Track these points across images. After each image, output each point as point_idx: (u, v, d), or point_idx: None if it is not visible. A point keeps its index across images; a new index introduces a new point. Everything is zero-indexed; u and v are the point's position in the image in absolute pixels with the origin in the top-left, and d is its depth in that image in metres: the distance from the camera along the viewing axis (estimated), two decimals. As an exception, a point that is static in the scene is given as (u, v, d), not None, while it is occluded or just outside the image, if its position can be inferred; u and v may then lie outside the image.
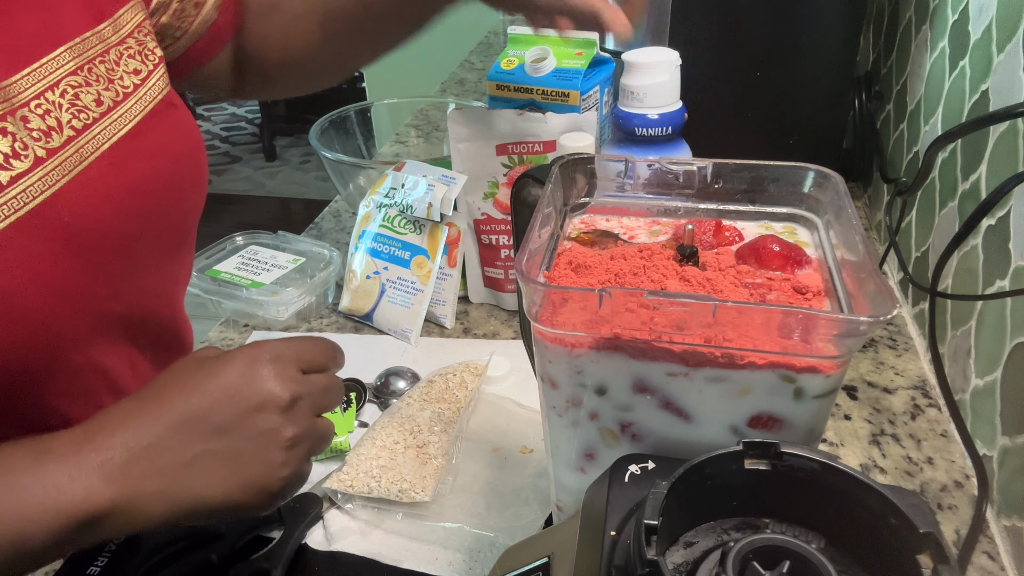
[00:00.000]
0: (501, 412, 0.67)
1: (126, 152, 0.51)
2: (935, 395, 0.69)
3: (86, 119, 0.49)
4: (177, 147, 0.56)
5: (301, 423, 0.45)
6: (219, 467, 0.43)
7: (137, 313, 0.55)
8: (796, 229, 0.43)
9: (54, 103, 0.47)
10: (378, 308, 0.81)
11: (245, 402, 0.44)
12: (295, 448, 0.45)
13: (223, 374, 0.44)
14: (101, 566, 0.55)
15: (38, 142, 0.45)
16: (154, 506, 0.41)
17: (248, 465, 0.44)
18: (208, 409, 0.43)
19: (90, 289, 0.49)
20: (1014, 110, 0.47)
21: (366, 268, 0.81)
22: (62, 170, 0.46)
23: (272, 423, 0.44)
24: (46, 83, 0.47)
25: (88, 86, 0.50)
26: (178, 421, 0.42)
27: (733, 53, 0.88)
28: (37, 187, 0.45)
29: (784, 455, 0.31)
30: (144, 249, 0.53)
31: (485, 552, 0.55)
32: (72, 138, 0.47)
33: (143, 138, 0.53)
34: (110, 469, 0.40)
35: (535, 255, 0.38)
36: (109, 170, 0.49)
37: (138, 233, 0.52)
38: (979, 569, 0.54)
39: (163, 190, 0.54)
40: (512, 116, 0.74)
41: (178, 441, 0.42)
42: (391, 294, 0.80)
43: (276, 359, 0.45)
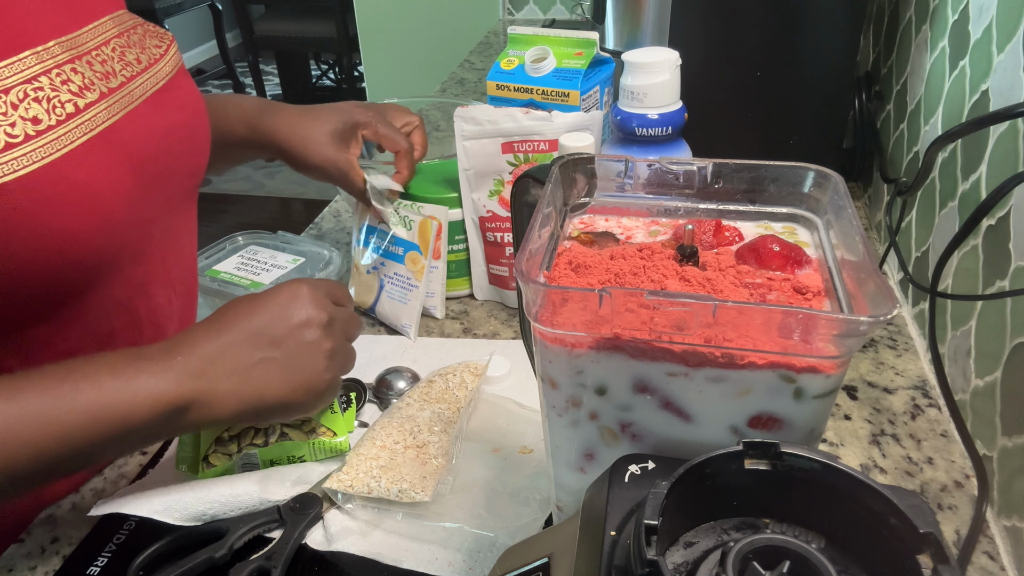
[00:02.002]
0: (501, 412, 0.67)
1: (162, 102, 0.62)
2: (935, 395, 0.69)
3: (132, 71, 0.60)
4: (194, 105, 0.67)
5: (337, 339, 0.57)
6: (276, 370, 0.54)
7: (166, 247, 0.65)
8: (796, 229, 0.43)
9: (108, 55, 0.59)
10: (379, 302, 0.81)
11: (293, 319, 0.55)
12: (333, 358, 0.56)
13: (274, 300, 0.55)
14: (101, 566, 0.55)
15: (102, 81, 0.57)
16: (227, 400, 0.52)
17: (299, 369, 0.55)
18: (264, 325, 0.54)
19: (143, 203, 0.58)
20: (1014, 110, 0.47)
21: (367, 262, 0.82)
22: (120, 104, 0.57)
23: (315, 336, 0.55)
24: (100, 40, 0.59)
25: (130, 47, 0.61)
26: (242, 335, 0.53)
27: (733, 53, 0.88)
28: (104, 115, 0.55)
29: (784, 455, 0.31)
30: (171, 185, 0.63)
31: (485, 552, 0.55)
32: (124, 83, 0.59)
33: (172, 94, 0.64)
34: (193, 368, 0.51)
35: (535, 255, 0.38)
36: (152, 113, 0.60)
37: (168, 170, 0.62)
38: (979, 569, 0.54)
39: (187, 138, 0.64)
40: (518, 114, 0.74)
41: (243, 350, 0.53)
42: (389, 289, 0.80)
43: (313, 289, 0.57)
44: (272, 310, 0.55)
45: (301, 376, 0.55)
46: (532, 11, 2.03)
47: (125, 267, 0.58)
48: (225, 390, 0.52)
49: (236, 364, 0.53)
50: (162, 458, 0.65)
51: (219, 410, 0.52)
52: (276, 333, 0.54)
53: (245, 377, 0.53)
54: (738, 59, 0.88)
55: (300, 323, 0.55)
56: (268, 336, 0.54)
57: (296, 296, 0.56)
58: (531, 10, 2.03)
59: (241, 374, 0.53)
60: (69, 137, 0.52)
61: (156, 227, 0.62)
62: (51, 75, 0.52)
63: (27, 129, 0.49)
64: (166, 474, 0.63)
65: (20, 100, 0.50)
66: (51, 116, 0.51)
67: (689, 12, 0.87)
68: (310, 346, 0.55)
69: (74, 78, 0.54)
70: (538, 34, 0.88)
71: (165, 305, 0.66)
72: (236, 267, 0.83)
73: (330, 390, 0.57)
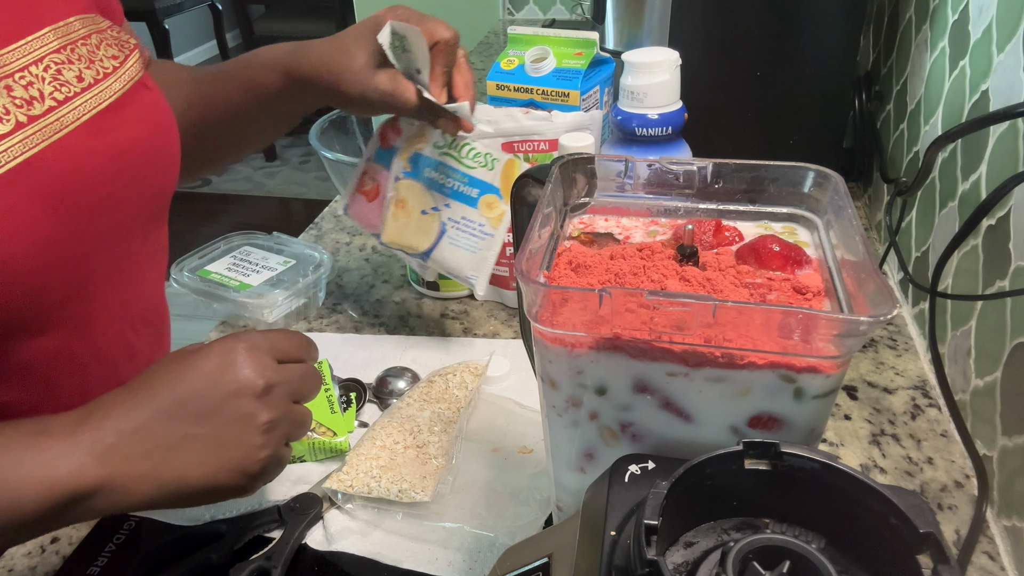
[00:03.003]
0: (501, 412, 0.67)
1: (107, 122, 0.55)
2: (935, 395, 0.69)
3: (67, 92, 0.53)
4: (153, 120, 0.60)
5: (277, 408, 0.48)
6: (201, 450, 0.46)
7: (118, 281, 0.58)
8: (796, 229, 0.43)
9: (37, 76, 0.51)
10: (437, 248, 0.70)
11: (223, 388, 0.47)
12: (272, 432, 0.48)
13: (202, 364, 0.47)
14: (101, 566, 0.55)
15: (20, 109, 0.49)
16: (140, 486, 0.45)
17: (228, 448, 0.47)
18: (189, 396, 0.46)
19: (70, 245, 0.52)
20: (1014, 110, 0.47)
21: (421, 202, 0.69)
22: (43, 135, 0.50)
23: (249, 408, 0.47)
24: (31, 58, 0.51)
25: (70, 64, 0.54)
26: (163, 408, 0.46)
27: (733, 53, 0.88)
28: (18, 148, 0.48)
29: (784, 455, 0.31)
30: (123, 214, 0.57)
31: (485, 552, 0.55)
32: (53, 108, 0.51)
33: (123, 111, 0.56)
34: (100, 449, 0.44)
35: (535, 255, 0.38)
36: (90, 137, 0.53)
37: (117, 196, 0.55)
38: (979, 569, 0.54)
39: (142, 158, 0.58)
40: (518, 114, 0.74)
41: (163, 426, 0.45)
42: (453, 235, 0.69)
43: (251, 349, 0.48)
44: (199, 376, 0.47)
45: (231, 455, 0.47)
46: (532, 11, 2.03)
47: (51, 312, 0.52)
48: (138, 474, 0.44)
49: (152, 444, 0.45)
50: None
51: (130, 497, 0.44)
52: (202, 405, 0.46)
53: (161, 459, 0.45)
54: (738, 59, 0.88)
55: (231, 392, 0.47)
56: (192, 409, 0.46)
57: (229, 359, 0.47)
58: (531, 10, 2.03)
59: (157, 456, 0.45)
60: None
61: (100, 261, 0.55)
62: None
63: None
64: (166, 474, 0.63)
65: None
66: None
67: (689, 12, 0.87)
68: (242, 420, 0.47)
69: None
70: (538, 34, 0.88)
71: (116, 340, 0.60)
72: (227, 268, 0.83)
73: (269, 469, 0.49)
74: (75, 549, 0.57)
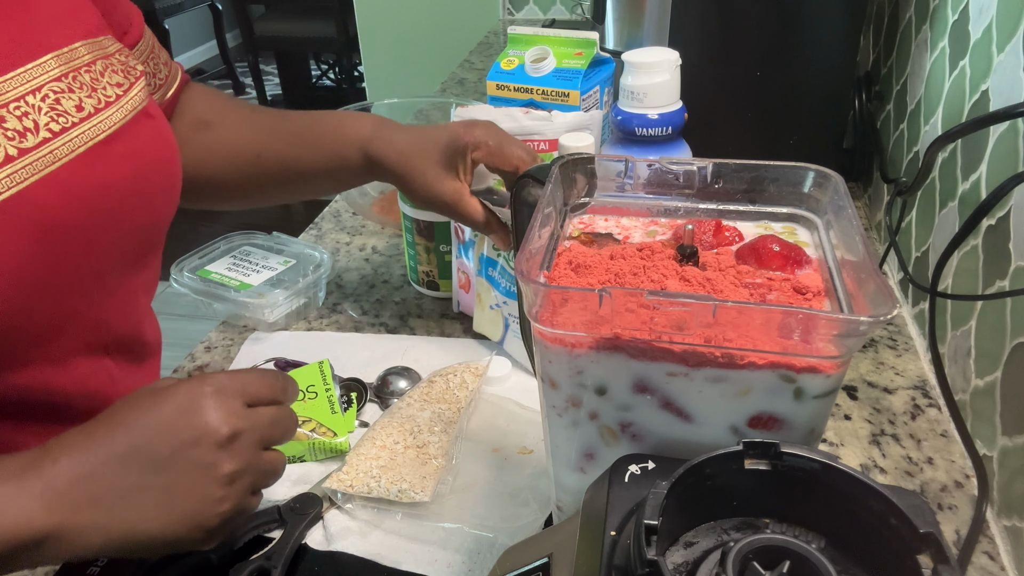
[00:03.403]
0: (501, 412, 0.67)
1: (101, 155, 0.53)
2: (935, 395, 0.69)
3: (64, 123, 0.51)
4: (152, 154, 0.58)
5: (242, 458, 0.45)
6: (154, 500, 0.43)
7: (101, 315, 0.56)
8: (796, 229, 0.43)
9: (33, 106, 0.50)
10: (506, 340, 0.74)
11: (181, 436, 0.44)
12: (235, 483, 0.45)
13: (162, 407, 0.44)
14: (101, 566, 0.55)
15: (11, 141, 0.48)
16: (90, 535, 0.42)
17: (183, 499, 0.44)
18: (146, 443, 0.43)
19: (50, 282, 0.50)
20: (1014, 110, 0.47)
21: (489, 297, 0.74)
22: (32, 168, 0.48)
23: (209, 458, 0.44)
24: (29, 87, 0.50)
25: (71, 92, 0.52)
26: (117, 453, 0.43)
27: (733, 53, 0.88)
28: (4, 183, 0.47)
29: (784, 455, 0.31)
30: (110, 250, 0.55)
31: (485, 553, 0.55)
32: (47, 140, 0.49)
33: (119, 143, 0.54)
34: (50, 496, 0.41)
35: (535, 255, 0.38)
36: (81, 171, 0.51)
37: (105, 233, 0.54)
38: (979, 569, 0.54)
39: (133, 194, 0.56)
40: (518, 114, 0.74)
41: (115, 473, 0.43)
42: (515, 328, 0.73)
43: (217, 393, 0.45)
44: (157, 421, 0.44)
45: (185, 508, 0.44)
46: (532, 11, 2.03)
47: (26, 350, 0.50)
48: (87, 522, 0.42)
49: (103, 491, 0.42)
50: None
51: (79, 546, 0.42)
52: (157, 453, 0.43)
53: (112, 507, 0.42)
54: (738, 59, 0.88)
55: (190, 441, 0.43)
56: (148, 456, 0.43)
57: (192, 401, 0.44)
58: (531, 10, 2.03)
59: (108, 504, 0.42)
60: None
61: (85, 297, 0.54)
62: None
63: None
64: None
65: None
66: None
67: (689, 12, 0.87)
68: (200, 470, 0.44)
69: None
70: (538, 34, 0.88)
71: (99, 372, 0.58)
72: (227, 268, 0.83)
73: (229, 522, 0.46)
74: (75, 549, 0.57)
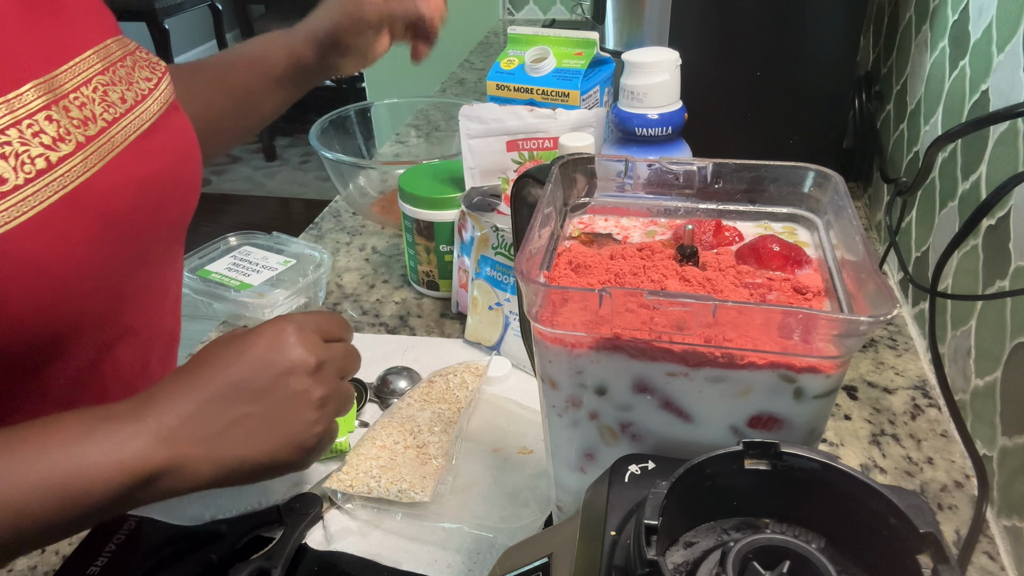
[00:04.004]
0: (501, 412, 0.67)
1: (144, 148, 0.56)
2: (935, 395, 0.69)
3: (115, 113, 0.54)
4: (183, 147, 0.61)
5: (328, 384, 0.50)
6: (259, 428, 0.47)
7: (142, 303, 0.59)
8: (796, 229, 0.43)
9: (88, 97, 0.52)
10: (504, 341, 0.74)
11: (276, 367, 0.48)
12: (325, 407, 0.49)
13: (255, 345, 0.48)
14: (101, 566, 0.55)
15: (78, 129, 0.50)
16: (203, 466, 0.45)
17: (285, 424, 0.48)
18: (245, 377, 0.47)
19: (108, 270, 0.52)
20: (1014, 110, 0.47)
21: (487, 298, 0.74)
22: (98, 155, 0.51)
23: (303, 385, 0.48)
24: (81, 79, 0.52)
25: (114, 85, 0.55)
26: (220, 390, 0.47)
27: (733, 53, 0.88)
28: (79, 168, 0.49)
29: (784, 455, 0.31)
30: (150, 239, 0.57)
31: (484, 553, 0.55)
32: (104, 129, 0.52)
33: (156, 136, 0.57)
34: (164, 432, 0.44)
35: (535, 255, 0.38)
36: (132, 162, 0.54)
37: (147, 224, 0.56)
38: (979, 569, 0.54)
39: (168, 187, 0.58)
40: (523, 112, 0.74)
41: (221, 408, 0.46)
42: (516, 327, 0.73)
43: (300, 328, 0.49)
44: (253, 358, 0.48)
45: (288, 432, 0.48)
46: (532, 11, 2.03)
47: (84, 336, 0.53)
48: (199, 455, 0.45)
49: (213, 425, 0.46)
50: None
51: (193, 479, 0.45)
52: (257, 385, 0.47)
53: (222, 439, 0.46)
54: (738, 59, 0.88)
55: (285, 371, 0.48)
56: (248, 389, 0.47)
57: (280, 339, 0.49)
58: (531, 10, 2.03)
59: (218, 436, 0.46)
60: (37, 198, 0.46)
61: (129, 285, 0.56)
62: (21, 126, 0.46)
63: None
64: (166, 474, 0.63)
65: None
66: (18, 174, 0.45)
67: (689, 12, 0.87)
68: (297, 397, 0.48)
69: (48, 128, 0.48)
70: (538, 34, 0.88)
71: (136, 362, 0.60)
72: (227, 268, 0.83)
73: (323, 443, 0.50)
74: (75, 549, 0.57)
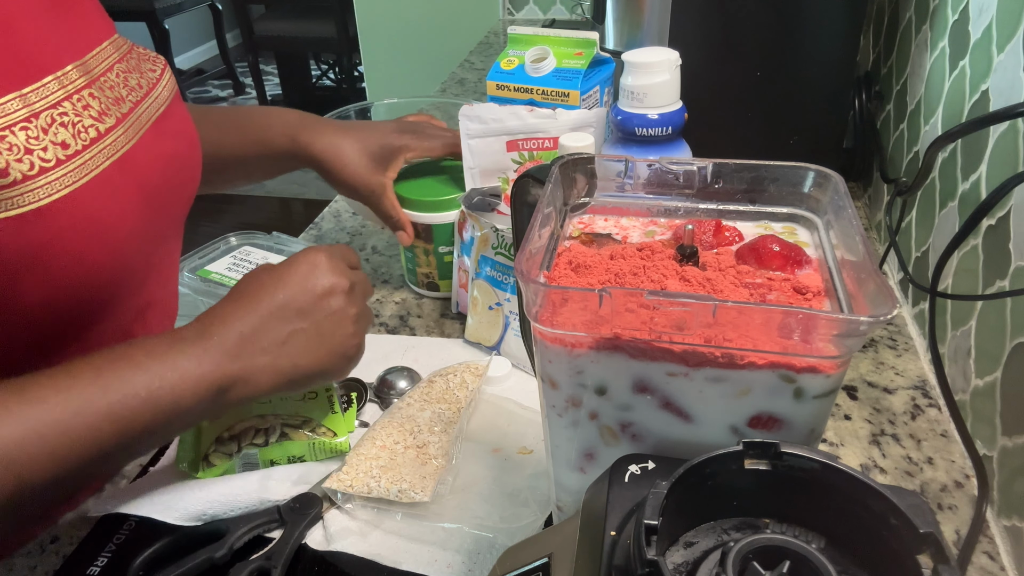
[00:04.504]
0: (501, 413, 0.67)
1: (163, 128, 0.62)
2: (935, 395, 0.69)
3: (136, 96, 0.60)
4: (189, 134, 0.67)
5: (360, 303, 0.59)
6: (308, 341, 0.55)
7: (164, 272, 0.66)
8: (796, 229, 0.43)
9: (114, 81, 0.58)
10: (504, 341, 0.74)
11: (317, 290, 0.56)
12: (359, 322, 0.58)
13: (295, 271, 0.56)
14: (101, 566, 0.55)
15: (115, 107, 0.56)
16: (265, 375, 0.53)
17: (329, 337, 0.56)
18: (290, 298, 0.55)
19: (147, 234, 0.58)
20: (1014, 110, 0.47)
21: (487, 298, 0.74)
22: (134, 129, 0.57)
23: (340, 303, 0.57)
24: (106, 65, 0.58)
25: (130, 73, 0.61)
26: (270, 310, 0.54)
27: (733, 53, 0.88)
28: (121, 140, 0.56)
29: (784, 455, 0.31)
30: (170, 214, 0.63)
31: (484, 553, 0.55)
32: (132, 108, 0.58)
33: (170, 120, 0.63)
34: (229, 348, 0.52)
35: (535, 255, 0.38)
36: (155, 140, 0.60)
37: (169, 198, 0.62)
38: (979, 569, 0.54)
39: (184, 166, 0.64)
40: (523, 112, 0.74)
41: (274, 325, 0.54)
42: (516, 327, 0.73)
43: (330, 256, 0.58)
44: (295, 282, 0.56)
45: (332, 343, 0.56)
46: (532, 11, 2.03)
47: (128, 297, 0.58)
48: (261, 366, 0.53)
49: (269, 340, 0.53)
50: (162, 458, 0.65)
51: (257, 386, 0.53)
52: (302, 305, 0.55)
53: (279, 351, 0.54)
54: (738, 59, 0.88)
55: (324, 292, 0.56)
56: (295, 308, 0.55)
57: (316, 265, 0.57)
58: (531, 10, 2.03)
59: (275, 349, 0.54)
60: (94, 162, 0.52)
61: (156, 255, 0.62)
62: (72, 100, 0.52)
63: (57, 154, 0.50)
64: (166, 474, 0.63)
65: (48, 125, 0.50)
66: (77, 141, 0.51)
67: (689, 12, 0.87)
68: (337, 313, 0.56)
69: (92, 104, 0.54)
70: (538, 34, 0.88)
71: (156, 327, 0.65)
72: (227, 268, 0.83)
73: (359, 353, 0.59)
74: (75, 549, 0.57)
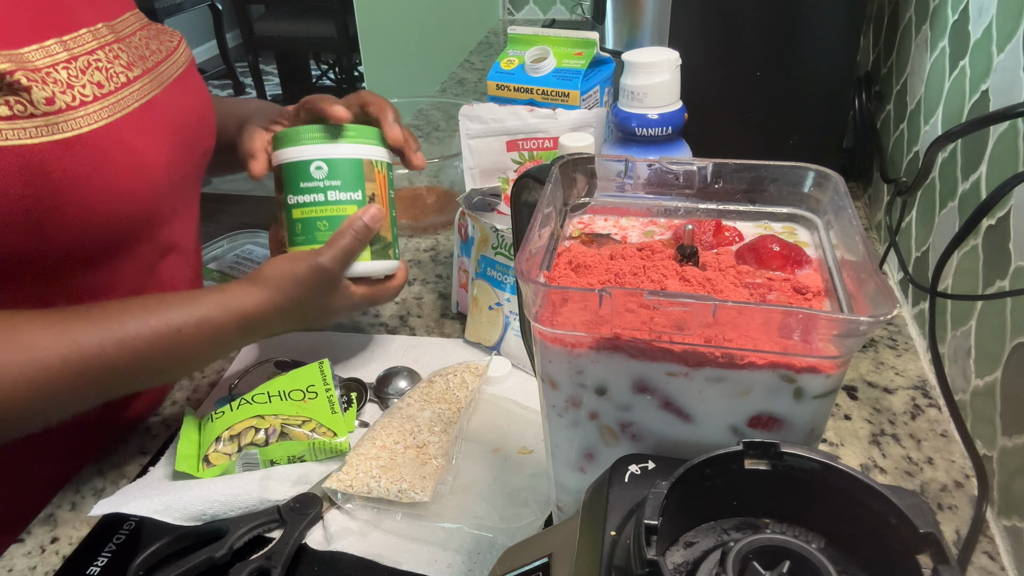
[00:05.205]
0: (501, 413, 0.67)
1: (185, 85, 0.71)
2: (935, 395, 0.69)
3: (158, 57, 0.69)
4: (206, 95, 0.75)
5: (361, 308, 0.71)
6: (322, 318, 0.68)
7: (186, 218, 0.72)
8: (796, 229, 0.43)
9: (138, 43, 0.67)
10: (504, 341, 0.74)
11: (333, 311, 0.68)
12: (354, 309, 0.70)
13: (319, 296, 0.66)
14: (101, 566, 0.55)
15: (141, 61, 0.66)
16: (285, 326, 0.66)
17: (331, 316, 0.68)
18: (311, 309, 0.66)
19: (175, 174, 0.66)
20: (1014, 110, 0.47)
21: (487, 298, 0.75)
22: (157, 81, 0.67)
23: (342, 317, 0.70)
24: (131, 29, 0.68)
25: (151, 39, 0.70)
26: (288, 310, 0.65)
27: (733, 53, 0.88)
28: (148, 87, 0.65)
29: (784, 455, 0.31)
30: (192, 163, 0.71)
31: (484, 553, 0.55)
32: (157, 64, 0.68)
33: (190, 80, 0.72)
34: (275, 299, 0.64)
35: (535, 255, 0.38)
36: (178, 95, 0.69)
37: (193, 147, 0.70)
38: (979, 569, 0.54)
39: (202, 121, 0.72)
40: (523, 112, 0.74)
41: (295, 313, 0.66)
42: (516, 327, 0.73)
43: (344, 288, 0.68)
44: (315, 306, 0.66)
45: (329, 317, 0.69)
46: (532, 11, 2.03)
47: (157, 230, 0.66)
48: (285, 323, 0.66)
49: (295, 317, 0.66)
50: (162, 457, 0.65)
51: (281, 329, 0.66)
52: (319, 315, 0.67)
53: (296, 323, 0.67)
54: (738, 59, 0.88)
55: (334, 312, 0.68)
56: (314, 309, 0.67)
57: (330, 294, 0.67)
58: (531, 10, 2.03)
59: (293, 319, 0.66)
60: (126, 102, 0.61)
61: (180, 199, 0.69)
62: (105, 50, 0.62)
63: (94, 91, 0.58)
64: (166, 474, 0.63)
65: (86, 68, 0.59)
66: (110, 83, 0.60)
67: (689, 12, 0.87)
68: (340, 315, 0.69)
69: (121, 55, 0.63)
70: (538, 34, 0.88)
71: (179, 272, 0.72)
72: (230, 266, 0.83)
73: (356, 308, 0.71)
74: (75, 549, 0.57)
